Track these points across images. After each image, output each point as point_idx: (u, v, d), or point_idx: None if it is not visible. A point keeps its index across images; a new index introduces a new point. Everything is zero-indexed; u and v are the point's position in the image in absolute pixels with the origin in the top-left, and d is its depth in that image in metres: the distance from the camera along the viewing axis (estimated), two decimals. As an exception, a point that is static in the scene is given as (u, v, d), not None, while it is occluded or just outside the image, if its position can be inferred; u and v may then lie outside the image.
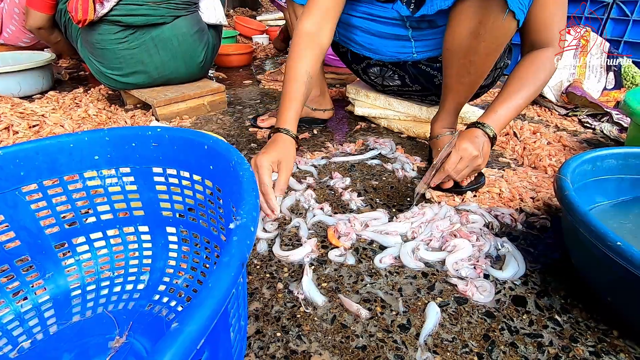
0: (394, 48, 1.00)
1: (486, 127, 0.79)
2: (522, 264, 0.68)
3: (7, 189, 0.42)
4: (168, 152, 0.44)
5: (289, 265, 0.69)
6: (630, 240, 0.64)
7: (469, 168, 0.79)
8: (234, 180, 0.32)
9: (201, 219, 0.46)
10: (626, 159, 0.73)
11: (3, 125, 0.94)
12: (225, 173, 0.37)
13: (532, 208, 0.84)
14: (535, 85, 0.79)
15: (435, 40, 0.93)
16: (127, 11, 1.23)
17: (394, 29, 0.96)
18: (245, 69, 2.17)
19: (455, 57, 0.80)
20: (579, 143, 1.15)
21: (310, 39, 0.85)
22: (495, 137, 0.79)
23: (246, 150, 1.14)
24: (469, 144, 0.77)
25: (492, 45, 0.75)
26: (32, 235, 0.45)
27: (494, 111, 0.79)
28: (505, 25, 0.71)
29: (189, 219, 0.48)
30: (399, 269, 0.68)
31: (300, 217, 0.82)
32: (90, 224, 0.49)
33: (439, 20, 0.86)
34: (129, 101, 1.49)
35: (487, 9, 0.69)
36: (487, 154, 0.79)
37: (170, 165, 0.45)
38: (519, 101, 0.79)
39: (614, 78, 1.42)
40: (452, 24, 0.77)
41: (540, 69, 0.78)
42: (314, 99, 1.27)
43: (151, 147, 0.44)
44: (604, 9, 1.52)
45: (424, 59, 0.99)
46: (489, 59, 0.78)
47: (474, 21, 0.72)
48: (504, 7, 0.67)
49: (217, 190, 0.40)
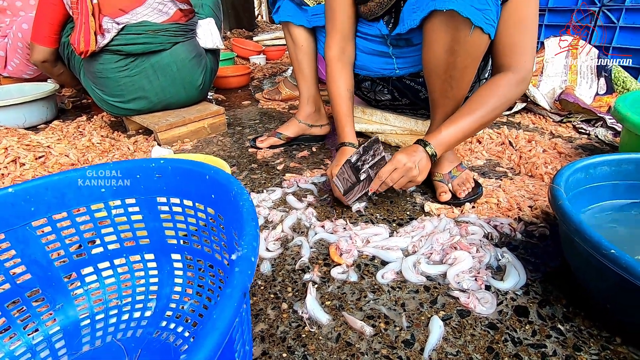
0: (378, 64, 1.05)
1: (427, 145, 0.81)
2: (522, 274, 0.69)
3: (18, 224, 0.44)
4: (171, 183, 0.46)
5: (292, 285, 0.70)
6: (625, 246, 0.66)
7: (404, 178, 0.81)
8: (234, 209, 0.34)
9: (205, 245, 0.48)
10: (619, 165, 0.75)
11: (10, 157, 0.96)
12: (226, 202, 0.38)
13: (531, 217, 0.85)
14: (487, 110, 0.79)
15: (413, 58, 0.97)
16: (127, 40, 1.27)
17: (378, 46, 1.01)
18: (244, 89, 2.21)
19: (435, 73, 0.83)
20: (575, 149, 1.17)
21: (339, 60, 1.01)
22: (435, 155, 0.81)
23: (247, 170, 1.16)
24: (404, 156, 0.80)
25: (468, 59, 0.77)
26: (43, 267, 0.47)
27: (439, 132, 0.81)
28: (476, 40, 0.73)
29: (193, 246, 0.50)
30: (401, 284, 0.69)
31: (302, 235, 0.84)
32: (98, 254, 0.50)
33: (414, 39, 0.91)
34: (131, 127, 1.53)
35: (455, 27, 0.72)
36: (424, 168, 0.81)
37: (173, 194, 0.47)
38: (467, 124, 0.80)
39: (605, 83, 1.44)
40: (426, 42, 0.80)
41: (495, 94, 0.78)
42: (310, 116, 1.30)
43: (155, 178, 0.46)
44: (591, 17, 1.56)
45: (407, 74, 1.03)
46: (468, 72, 0.80)
47: (447, 38, 0.75)
48: (470, 24, 0.70)
49: (219, 218, 0.42)
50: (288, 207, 0.95)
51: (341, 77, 1.01)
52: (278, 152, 1.29)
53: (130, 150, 1.23)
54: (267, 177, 1.11)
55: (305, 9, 1.12)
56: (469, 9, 0.69)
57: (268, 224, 0.89)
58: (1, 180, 0.92)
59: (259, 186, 1.06)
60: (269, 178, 1.11)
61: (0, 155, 0.96)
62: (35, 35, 1.37)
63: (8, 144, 0.99)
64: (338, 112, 1.00)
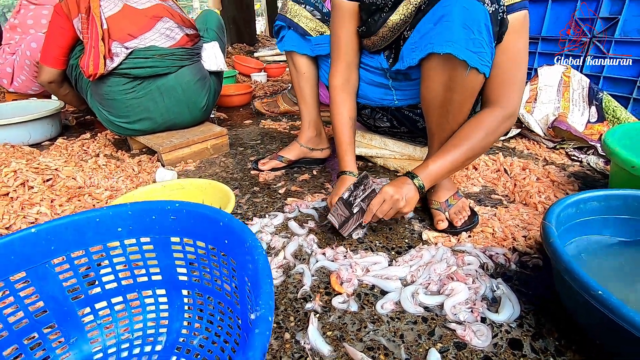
0: (378, 95, 1.09)
1: (415, 178, 0.85)
2: (517, 306, 0.71)
3: (38, 262, 0.47)
4: (185, 225, 0.49)
5: (295, 314, 0.72)
6: (613, 281, 0.69)
7: (392, 209, 0.84)
8: (250, 262, 0.37)
9: (215, 284, 0.50)
10: (608, 200, 0.78)
11: (19, 181, 0.99)
12: (239, 250, 0.41)
13: (525, 247, 0.88)
14: (474, 144, 0.83)
15: (412, 91, 1.02)
16: (134, 64, 1.31)
17: (378, 78, 1.06)
18: (245, 108, 2.26)
19: (433, 107, 0.87)
20: (567, 177, 1.21)
21: (343, 89, 1.05)
22: (423, 187, 0.84)
23: (249, 194, 1.19)
24: (392, 189, 0.83)
25: (464, 96, 0.81)
26: (59, 302, 0.49)
27: (427, 165, 0.85)
28: (472, 79, 0.77)
29: (204, 283, 0.52)
30: (400, 315, 0.71)
31: (304, 262, 0.86)
32: (112, 289, 0.52)
33: (412, 75, 0.96)
34: (135, 146, 1.56)
35: (452, 67, 0.76)
36: (411, 200, 0.84)
37: (187, 235, 0.50)
38: (454, 158, 0.84)
39: (596, 112, 1.49)
40: (424, 79, 0.84)
41: (482, 129, 0.82)
42: (311, 140, 1.34)
43: (170, 220, 0.49)
44: (581, 47, 1.62)
45: (405, 106, 1.07)
46: (464, 107, 0.84)
47: (444, 77, 0.79)
48: (466, 65, 0.74)
49: (232, 262, 0.44)
50: (290, 233, 0.97)
51: (345, 106, 1.05)
52: (280, 175, 1.32)
53: (134, 172, 1.26)
54: (269, 201, 1.14)
55: (308, 39, 1.17)
56: (465, 52, 0.73)
57: (270, 250, 0.91)
58: (10, 203, 0.95)
59: (261, 210, 1.09)
60: (270, 202, 1.14)
61: (10, 179, 0.99)
62: (44, 57, 1.41)
63: (17, 167, 1.02)
64: (340, 141, 1.03)
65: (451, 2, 0.73)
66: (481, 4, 0.71)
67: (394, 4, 0.90)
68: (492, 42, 0.75)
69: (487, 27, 0.72)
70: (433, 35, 0.76)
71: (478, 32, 0.72)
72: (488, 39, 0.73)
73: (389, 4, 0.91)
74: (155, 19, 1.34)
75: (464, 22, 0.72)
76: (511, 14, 0.77)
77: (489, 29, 0.73)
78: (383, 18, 0.91)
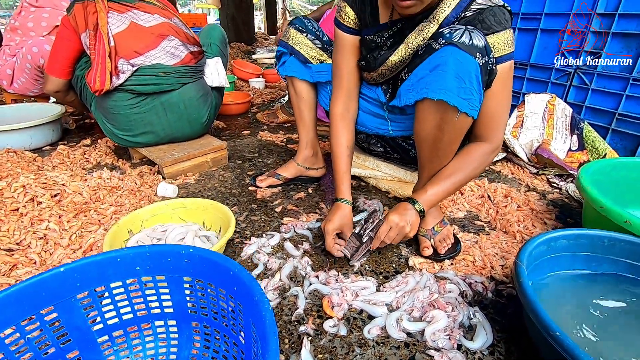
0: (374, 124, 1.17)
1: (415, 203, 0.92)
2: (490, 334, 0.79)
3: (66, 298, 0.52)
4: (198, 268, 0.55)
5: (289, 336, 0.79)
6: (568, 320, 0.77)
7: (399, 235, 0.92)
8: (257, 316, 0.43)
9: (222, 320, 0.57)
10: (576, 239, 0.86)
11: (29, 196, 1.03)
12: (247, 299, 0.47)
13: (502, 275, 0.96)
14: (466, 174, 0.92)
15: (406, 124, 1.09)
16: (140, 81, 1.36)
17: (375, 109, 1.13)
18: (243, 117, 2.31)
19: (424, 143, 0.94)
20: (546, 206, 1.29)
21: (343, 118, 1.10)
22: (423, 211, 0.93)
23: (247, 211, 1.25)
24: (397, 217, 0.91)
25: (454, 136, 0.89)
26: (82, 332, 0.55)
27: (425, 191, 0.93)
28: (462, 122, 0.85)
29: (212, 318, 0.58)
30: (385, 339, 0.78)
31: (298, 284, 0.93)
32: (128, 320, 0.58)
33: (407, 110, 1.03)
34: (136, 156, 1.60)
35: (444, 110, 0.83)
36: (415, 224, 0.92)
37: (199, 277, 0.56)
38: (449, 185, 0.93)
39: (577, 140, 1.58)
40: (418, 118, 0.92)
41: (474, 162, 0.92)
42: (307, 159, 1.40)
43: (184, 262, 0.55)
44: (567, 76, 1.70)
45: (399, 136, 1.14)
46: (453, 145, 0.92)
47: (436, 118, 0.86)
48: (457, 110, 0.81)
49: (239, 305, 0.51)
50: (285, 254, 1.04)
51: (343, 135, 1.11)
52: (276, 192, 1.38)
53: (137, 185, 1.31)
54: (266, 220, 1.20)
55: (309, 66, 1.23)
56: (456, 99, 0.80)
57: (267, 272, 0.97)
58: (20, 219, 0.99)
59: (258, 229, 1.15)
60: (267, 220, 1.20)
61: (20, 194, 1.03)
62: (50, 68, 1.45)
63: (26, 182, 1.06)
64: (337, 169, 1.09)
65: (447, 54, 0.79)
66: (473, 57, 0.78)
67: (392, 44, 0.97)
68: (481, 90, 0.82)
69: (477, 77, 0.80)
70: (429, 81, 0.83)
71: (469, 82, 0.79)
72: (477, 88, 0.81)
73: (387, 43, 0.98)
74: (161, 37, 1.38)
75: (457, 73, 0.79)
76: (499, 64, 0.85)
77: (479, 79, 0.80)
78: (382, 57, 0.98)
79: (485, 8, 0.84)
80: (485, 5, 0.84)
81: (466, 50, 0.78)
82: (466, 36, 0.78)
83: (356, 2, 0.99)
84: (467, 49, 0.77)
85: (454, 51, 0.78)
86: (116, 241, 0.92)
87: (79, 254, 0.96)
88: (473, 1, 0.85)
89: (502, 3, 0.86)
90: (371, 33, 0.99)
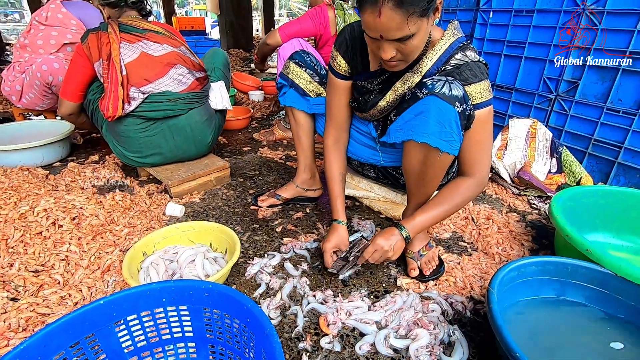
0: (367, 154, 1.28)
1: (402, 229, 1.03)
2: (466, 350, 0.90)
3: (104, 325, 0.62)
4: (216, 300, 0.65)
5: (289, 352, 0.89)
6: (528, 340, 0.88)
7: (382, 257, 1.03)
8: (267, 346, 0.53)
9: (235, 344, 0.67)
10: (544, 265, 0.98)
11: (50, 220, 1.13)
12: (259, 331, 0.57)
13: (480, 295, 1.07)
14: (452, 205, 1.02)
15: (396, 155, 1.21)
16: (150, 107, 1.46)
17: (368, 141, 1.24)
18: (244, 131, 2.41)
19: (412, 175, 1.05)
20: (525, 228, 1.41)
21: (334, 148, 1.24)
22: (409, 237, 1.03)
23: (250, 231, 1.35)
24: (382, 240, 1.01)
25: (437, 171, 1.00)
26: (116, 353, 0.65)
27: (413, 219, 1.04)
28: (443, 160, 0.96)
29: (226, 342, 0.68)
30: (374, 355, 0.89)
31: (297, 303, 1.03)
32: (154, 342, 0.68)
33: (397, 145, 1.14)
34: (143, 174, 1.70)
35: (427, 150, 0.94)
36: (398, 248, 1.02)
37: (216, 308, 0.66)
38: (435, 214, 1.03)
39: (556, 163, 1.71)
40: (405, 154, 1.03)
41: (459, 194, 1.02)
42: (305, 181, 1.51)
43: (204, 295, 0.65)
44: (549, 102, 1.83)
45: (389, 166, 1.25)
46: (437, 178, 1.03)
47: (421, 156, 0.98)
48: (439, 150, 0.92)
49: (251, 334, 0.61)
50: (285, 274, 1.14)
51: (335, 163, 1.23)
52: (277, 212, 1.48)
53: (147, 205, 1.40)
54: (267, 239, 1.31)
55: (307, 99, 1.33)
56: (438, 141, 0.91)
57: (269, 291, 1.08)
58: (44, 242, 1.09)
59: (260, 249, 1.26)
60: (269, 240, 1.30)
61: (42, 218, 1.13)
62: (64, 92, 1.54)
63: (47, 206, 1.16)
64: (332, 193, 1.21)
65: (429, 102, 0.90)
66: (452, 106, 0.89)
67: (381, 90, 1.08)
68: (460, 132, 0.93)
69: (457, 122, 0.91)
70: (414, 124, 0.93)
71: (449, 126, 0.90)
72: (457, 130, 0.92)
73: (377, 88, 1.09)
74: (169, 66, 1.48)
75: (438, 119, 0.90)
76: (478, 110, 0.95)
77: (458, 123, 0.91)
78: (373, 101, 1.09)
79: (463, 63, 0.95)
80: (462, 61, 0.95)
81: (446, 100, 0.88)
82: (446, 87, 0.89)
83: (347, 53, 1.10)
84: (447, 98, 0.88)
85: (435, 101, 0.89)
86: (133, 263, 1.02)
87: (97, 274, 1.06)
88: (452, 57, 0.96)
89: (477, 58, 0.97)
90: (362, 79, 1.10)
